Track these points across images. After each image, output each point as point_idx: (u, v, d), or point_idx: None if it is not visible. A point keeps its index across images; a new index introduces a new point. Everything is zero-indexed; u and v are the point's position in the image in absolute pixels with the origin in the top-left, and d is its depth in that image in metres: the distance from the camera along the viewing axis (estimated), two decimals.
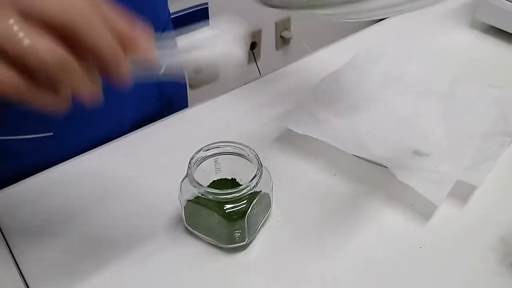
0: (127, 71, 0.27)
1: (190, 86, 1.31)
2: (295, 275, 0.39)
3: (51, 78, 0.24)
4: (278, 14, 1.48)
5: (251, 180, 0.39)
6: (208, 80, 1.38)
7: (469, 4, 0.79)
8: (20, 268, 0.40)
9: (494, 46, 0.71)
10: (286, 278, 0.39)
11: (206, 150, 0.41)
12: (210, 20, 1.28)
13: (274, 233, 0.43)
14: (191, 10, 1.22)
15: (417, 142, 0.50)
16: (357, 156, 0.48)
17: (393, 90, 0.56)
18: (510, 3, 0.71)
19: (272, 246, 0.42)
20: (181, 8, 1.21)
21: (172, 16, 0.62)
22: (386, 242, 0.42)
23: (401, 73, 0.58)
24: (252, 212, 0.39)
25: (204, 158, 0.41)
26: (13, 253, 0.41)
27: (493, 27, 0.72)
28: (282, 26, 1.57)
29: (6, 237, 0.42)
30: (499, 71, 0.65)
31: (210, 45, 0.33)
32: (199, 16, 1.25)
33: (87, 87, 0.26)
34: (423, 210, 0.44)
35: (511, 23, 0.71)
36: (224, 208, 0.38)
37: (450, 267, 0.40)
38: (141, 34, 0.28)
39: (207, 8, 1.27)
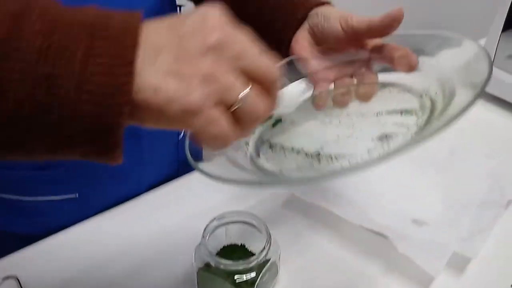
0: None
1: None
2: None
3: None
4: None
5: (260, 252, 0.41)
6: None
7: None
8: None
9: (495, 115, 0.75)
10: None
11: (219, 219, 0.44)
12: None
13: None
14: None
15: (416, 211, 0.53)
16: (364, 227, 0.51)
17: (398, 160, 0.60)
18: (509, 75, 0.75)
19: None
20: None
21: None
22: None
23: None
24: (261, 281, 0.42)
25: (217, 227, 0.44)
26: None
27: (495, 96, 0.76)
28: None
29: None
30: (498, 140, 0.68)
31: None
32: None
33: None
34: (422, 280, 0.46)
35: (509, 92, 0.75)
36: (235, 278, 0.41)
37: None
38: None
39: None
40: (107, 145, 0.26)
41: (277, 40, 0.47)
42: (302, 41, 0.46)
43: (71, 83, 0.24)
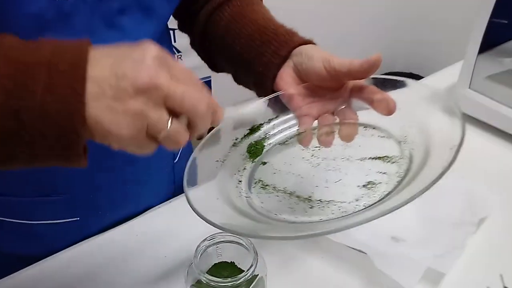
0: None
1: None
2: None
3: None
4: None
5: (248, 269, 0.45)
6: None
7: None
8: None
9: (471, 136, 0.79)
10: None
11: (210, 240, 0.48)
12: (213, 92, 1.39)
13: None
14: None
15: (394, 228, 0.56)
16: (347, 246, 0.54)
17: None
18: (481, 95, 0.80)
19: None
20: None
21: None
22: None
23: None
24: None
25: (208, 247, 0.48)
26: None
27: (472, 117, 0.81)
28: None
29: None
30: (474, 161, 0.72)
31: None
32: None
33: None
34: None
35: (484, 112, 0.80)
36: None
37: None
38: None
39: (210, 80, 1.39)
40: (70, 157, 0.32)
41: (262, 75, 0.51)
42: (286, 78, 0.50)
43: (35, 113, 0.30)
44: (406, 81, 0.47)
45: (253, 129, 0.51)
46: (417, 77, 1.95)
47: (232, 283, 0.44)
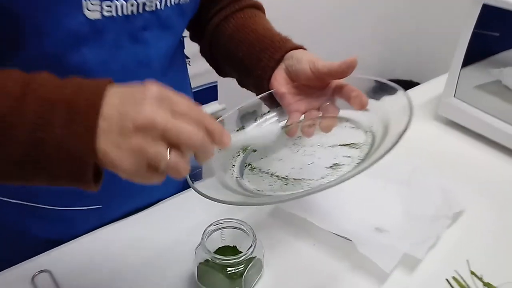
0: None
1: None
2: None
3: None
4: None
5: (247, 250, 0.52)
6: None
7: (433, 100, 0.95)
8: None
9: (452, 138, 0.86)
10: None
11: (215, 225, 0.55)
12: (218, 96, 1.47)
13: (265, 285, 0.56)
14: (203, 88, 1.41)
15: (379, 220, 0.63)
16: (333, 233, 0.61)
17: (368, 177, 0.71)
18: (465, 103, 0.87)
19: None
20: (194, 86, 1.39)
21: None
22: None
23: (393, 170, 0.72)
24: (248, 273, 0.52)
25: (214, 231, 0.55)
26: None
27: (455, 122, 0.88)
28: None
29: (57, 281, 0.55)
30: (454, 160, 0.79)
31: None
32: (209, 92, 1.44)
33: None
34: (380, 275, 0.56)
35: (467, 119, 0.87)
36: (227, 270, 0.51)
37: None
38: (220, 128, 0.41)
39: (217, 85, 1.47)
40: (81, 182, 0.38)
41: (260, 76, 0.59)
42: (279, 78, 0.57)
43: (53, 145, 0.36)
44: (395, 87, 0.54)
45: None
46: (417, 84, 2.02)
47: (234, 260, 0.51)
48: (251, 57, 0.61)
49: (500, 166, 0.79)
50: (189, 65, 1.46)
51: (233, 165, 0.53)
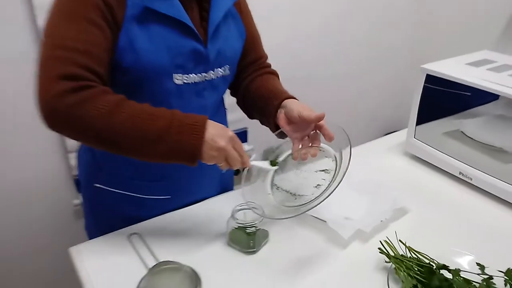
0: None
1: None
2: (282, 267, 0.84)
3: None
4: None
5: (259, 222, 0.86)
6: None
7: (403, 141, 1.28)
8: (156, 255, 0.86)
9: (411, 166, 1.19)
10: (277, 268, 0.83)
11: (240, 206, 0.89)
12: (248, 138, 1.84)
13: (270, 248, 0.88)
14: (236, 132, 1.77)
15: (349, 213, 0.96)
16: (313, 216, 0.94)
17: (346, 188, 1.04)
18: (425, 144, 1.19)
19: (269, 252, 0.87)
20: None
21: None
22: (321, 258, 0.86)
23: (364, 183, 1.05)
24: (258, 233, 0.85)
25: (238, 210, 0.89)
26: (151, 249, 0.88)
27: (416, 156, 1.21)
28: None
29: (144, 239, 0.90)
30: (408, 180, 1.11)
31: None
32: (240, 136, 1.82)
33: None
34: (343, 243, 0.88)
35: (428, 155, 1.19)
36: (246, 231, 0.85)
37: (354, 275, 0.83)
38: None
39: (246, 131, 1.86)
40: (192, 163, 0.74)
41: (269, 116, 0.93)
42: (281, 119, 0.90)
43: (184, 143, 0.72)
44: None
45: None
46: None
47: (250, 223, 0.85)
48: (265, 107, 0.95)
49: (439, 184, 1.10)
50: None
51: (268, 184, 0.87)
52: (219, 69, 0.90)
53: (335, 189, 0.76)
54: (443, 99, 1.25)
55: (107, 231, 0.93)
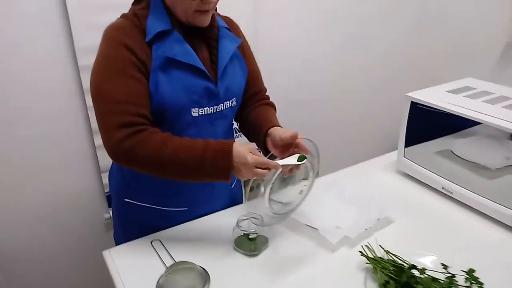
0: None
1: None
2: (280, 268, 0.99)
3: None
4: None
5: (259, 225, 1.01)
6: None
7: (390, 161, 1.42)
8: (174, 257, 1.03)
9: (408, 185, 1.32)
10: (275, 268, 0.98)
11: (243, 217, 1.05)
12: None
13: (269, 252, 1.03)
14: None
15: (339, 222, 1.10)
16: (307, 225, 1.08)
17: (339, 201, 1.18)
18: (413, 162, 1.33)
19: (268, 256, 1.01)
20: None
21: None
22: (313, 260, 1.01)
23: (345, 194, 1.20)
24: (258, 239, 1.01)
25: (242, 220, 1.05)
26: (170, 252, 1.05)
27: (405, 173, 1.34)
28: None
29: (164, 245, 1.06)
30: (396, 193, 1.25)
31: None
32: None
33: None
34: (332, 248, 1.02)
35: (415, 172, 1.32)
36: (249, 237, 1.00)
37: (340, 274, 0.97)
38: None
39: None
40: (227, 180, 0.92)
41: (260, 142, 1.08)
42: (269, 145, 1.04)
43: (219, 167, 0.91)
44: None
45: None
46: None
47: (252, 235, 1.00)
48: (256, 134, 1.11)
49: (423, 197, 1.23)
50: (239, 137, 2.01)
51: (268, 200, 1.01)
52: (227, 102, 1.07)
53: (308, 191, 0.98)
54: (435, 122, 1.39)
55: (134, 238, 1.10)
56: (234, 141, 0.93)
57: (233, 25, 1.16)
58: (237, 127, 1.26)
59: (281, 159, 1.04)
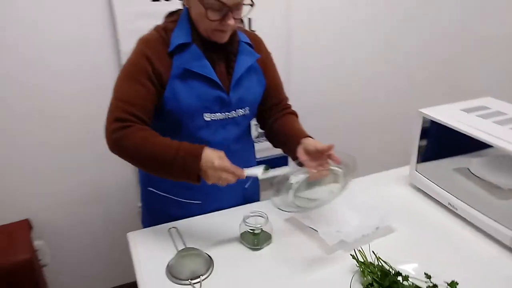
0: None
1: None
2: (279, 262, 1.08)
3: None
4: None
5: (264, 225, 1.11)
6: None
7: (405, 174, 1.46)
8: (186, 243, 1.15)
9: (418, 198, 1.36)
10: (275, 262, 1.07)
11: (250, 213, 1.15)
12: (288, 163, 2.10)
13: (271, 247, 1.12)
14: (281, 156, 2.05)
15: (341, 227, 1.17)
16: (309, 227, 1.16)
17: (345, 207, 1.25)
18: (423, 176, 1.37)
19: (270, 251, 1.11)
20: (269, 155, 2.05)
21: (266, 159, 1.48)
22: (310, 259, 1.09)
23: (353, 201, 1.27)
24: (262, 234, 1.10)
25: (248, 217, 1.15)
26: (183, 239, 1.17)
27: (417, 186, 1.39)
28: None
29: (180, 232, 1.19)
30: (407, 208, 1.30)
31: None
32: (281, 161, 2.08)
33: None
34: (329, 249, 1.10)
35: (425, 186, 1.36)
36: (253, 231, 1.10)
37: (332, 273, 1.05)
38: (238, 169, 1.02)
39: (287, 156, 2.08)
40: (193, 181, 1.01)
41: (291, 150, 1.17)
42: (300, 153, 1.13)
43: (187, 169, 1.00)
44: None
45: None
46: None
47: (258, 230, 1.10)
48: (286, 142, 1.21)
49: (429, 210, 1.27)
50: (263, 141, 2.08)
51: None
52: (240, 110, 1.18)
53: (337, 195, 1.07)
54: (453, 139, 1.41)
55: (154, 224, 1.23)
56: (205, 147, 1.02)
57: (257, 40, 1.26)
58: (262, 134, 1.36)
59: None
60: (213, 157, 1.00)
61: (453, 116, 1.26)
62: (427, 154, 1.39)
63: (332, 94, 2.20)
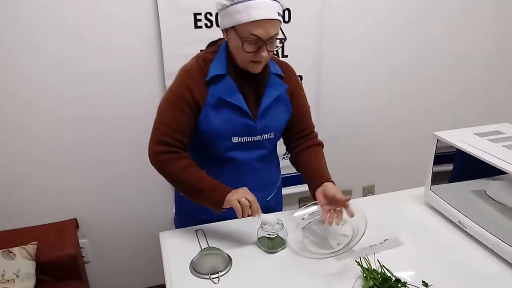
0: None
1: None
2: (291, 264, 1.19)
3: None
4: (365, 180, 2.30)
5: (279, 231, 1.22)
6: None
7: (422, 193, 1.53)
8: (209, 244, 1.28)
9: (431, 216, 1.43)
10: (287, 264, 1.18)
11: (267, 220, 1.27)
12: None
13: (286, 251, 1.22)
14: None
15: (351, 237, 1.26)
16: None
17: (359, 220, 1.34)
18: (436, 195, 1.43)
19: (284, 254, 1.21)
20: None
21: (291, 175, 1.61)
22: (318, 262, 1.19)
23: (374, 219, 1.35)
24: (277, 239, 1.22)
25: (265, 222, 1.26)
26: (207, 240, 1.30)
27: (431, 205, 1.45)
28: (367, 190, 2.37)
29: (205, 234, 1.32)
30: (418, 224, 1.37)
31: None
32: None
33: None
34: (338, 257, 1.19)
35: (437, 205, 1.43)
36: (270, 236, 1.21)
37: (338, 276, 1.14)
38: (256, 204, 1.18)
39: None
40: (218, 210, 1.19)
41: (311, 188, 1.28)
42: (319, 195, 1.24)
43: (215, 200, 1.19)
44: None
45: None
46: None
47: (274, 235, 1.22)
48: (308, 179, 1.32)
49: (439, 228, 1.34)
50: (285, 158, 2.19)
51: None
52: (265, 134, 1.31)
53: (344, 248, 1.18)
54: (471, 162, 1.47)
55: (183, 226, 1.38)
56: (230, 193, 1.19)
57: (288, 70, 1.38)
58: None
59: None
60: (241, 188, 1.19)
61: (463, 139, 1.33)
62: (449, 177, 1.45)
63: (363, 114, 2.31)
